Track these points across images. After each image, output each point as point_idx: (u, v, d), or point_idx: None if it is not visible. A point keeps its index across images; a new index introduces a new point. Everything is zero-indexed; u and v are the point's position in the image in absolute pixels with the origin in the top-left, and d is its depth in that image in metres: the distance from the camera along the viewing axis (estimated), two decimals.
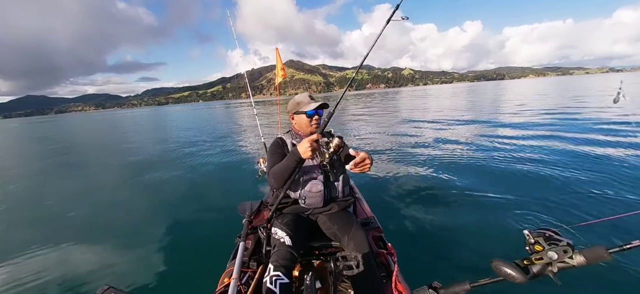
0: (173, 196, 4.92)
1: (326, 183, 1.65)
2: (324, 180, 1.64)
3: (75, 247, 3.41)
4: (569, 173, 4.51)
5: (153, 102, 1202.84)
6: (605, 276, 2.22)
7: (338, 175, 1.69)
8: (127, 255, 3.16)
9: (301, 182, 1.64)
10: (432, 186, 4.48)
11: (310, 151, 1.40)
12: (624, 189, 3.82)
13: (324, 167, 1.63)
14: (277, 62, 3.26)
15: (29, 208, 4.97)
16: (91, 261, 3.09)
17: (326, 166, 1.62)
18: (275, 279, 1.23)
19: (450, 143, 7.41)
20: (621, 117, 9.24)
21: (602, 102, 14.63)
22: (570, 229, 1.04)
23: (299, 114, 1.74)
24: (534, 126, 9.11)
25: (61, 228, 4.01)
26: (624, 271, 2.27)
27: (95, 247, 3.39)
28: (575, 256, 0.93)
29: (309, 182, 1.62)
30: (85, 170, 7.76)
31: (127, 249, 3.28)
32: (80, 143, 15.44)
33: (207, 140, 11.41)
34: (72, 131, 25.71)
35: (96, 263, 3.04)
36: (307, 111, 1.70)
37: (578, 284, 2.15)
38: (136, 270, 2.83)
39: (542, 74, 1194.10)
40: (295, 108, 1.76)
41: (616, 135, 6.86)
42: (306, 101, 1.74)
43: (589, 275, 2.19)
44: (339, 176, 1.69)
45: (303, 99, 1.76)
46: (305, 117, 1.71)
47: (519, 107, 15.38)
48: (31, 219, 4.39)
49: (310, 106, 1.70)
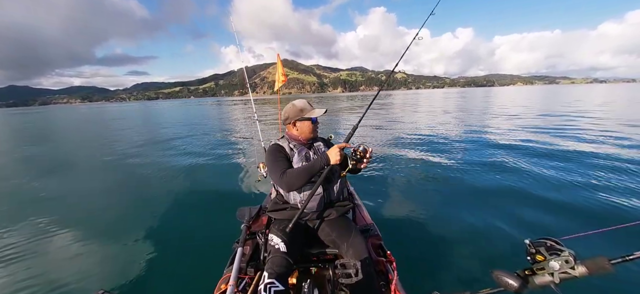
0: (169, 200, 4.76)
1: (325, 186, 1.65)
2: (322, 182, 1.62)
3: (69, 252, 3.28)
4: (571, 182, 4.55)
5: (142, 97, 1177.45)
6: (607, 288, 2.22)
7: (337, 178, 1.70)
8: (121, 259, 3.06)
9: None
10: (433, 195, 4.47)
11: (339, 156, 1.52)
12: (628, 198, 3.85)
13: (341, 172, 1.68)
14: (278, 67, 3.26)
15: (20, 206, 4.75)
16: (85, 265, 2.99)
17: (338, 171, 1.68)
18: (270, 287, 1.20)
19: (450, 151, 7.40)
20: (620, 127, 9.39)
21: (599, 111, 14.84)
22: (572, 239, 1.03)
23: (303, 120, 1.75)
24: (534, 134, 9.21)
25: (54, 231, 3.82)
26: (626, 283, 2.28)
27: (89, 251, 3.28)
28: (577, 267, 0.92)
29: (308, 186, 1.61)
30: (75, 172, 7.44)
31: (121, 253, 3.18)
32: (69, 140, 14.95)
33: (204, 141, 11.17)
34: (62, 125, 24.85)
35: (90, 267, 2.94)
36: (312, 117, 1.73)
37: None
38: (131, 275, 2.75)
39: (530, 82, 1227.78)
40: (298, 115, 1.75)
41: (618, 145, 6.95)
42: (308, 108, 1.77)
43: (592, 286, 2.19)
44: (338, 179, 1.70)
45: (305, 106, 1.77)
46: (310, 124, 1.74)
47: (515, 115, 15.60)
48: (21, 218, 4.20)
49: (315, 112, 1.75)
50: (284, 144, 1.75)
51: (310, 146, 1.79)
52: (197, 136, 12.58)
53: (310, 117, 1.73)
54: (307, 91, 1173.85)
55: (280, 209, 1.70)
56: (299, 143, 1.76)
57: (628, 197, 3.89)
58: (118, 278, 2.70)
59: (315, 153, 1.74)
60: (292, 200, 1.67)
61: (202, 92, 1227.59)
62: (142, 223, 3.88)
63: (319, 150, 1.76)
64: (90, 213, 4.38)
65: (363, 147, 1.52)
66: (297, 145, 1.74)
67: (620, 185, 4.34)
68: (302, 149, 1.72)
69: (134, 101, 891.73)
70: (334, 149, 1.53)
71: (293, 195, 1.65)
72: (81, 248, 3.34)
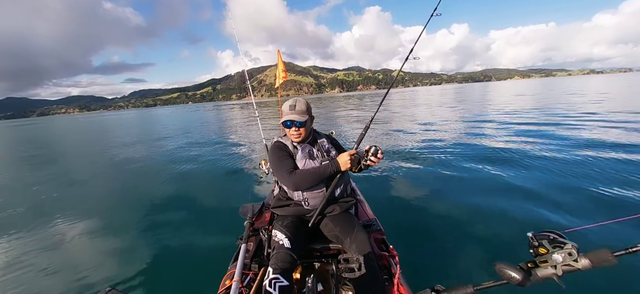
0: (174, 200, 4.82)
1: (328, 183, 1.65)
2: (325, 180, 1.64)
3: (76, 249, 3.38)
4: (574, 175, 4.53)
5: (140, 104, 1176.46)
6: (611, 280, 2.22)
7: (342, 176, 1.69)
8: (128, 257, 3.11)
9: None
10: (434, 189, 4.47)
11: (350, 163, 1.56)
12: (631, 190, 3.83)
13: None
14: (279, 64, 3.26)
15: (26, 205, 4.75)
16: (92, 263, 3.05)
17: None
18: (275, 282, 1.22)
19: (451, 146, 7.39)
20: (622, 120, 9.30)
21: (602, 104, 14.74)
22: (575, 232, 1.03)
23: (284, 124, 1.73)
24: (536, 128, 9.18)
25: (61, 228, 3.97)
26: (630, 275, 2.28)
27: (96, 249, 3.36)
28: (580, 259, 0.92)
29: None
30: (83, 174, 7.49)
31: (128, 251, 3.23)
32: (69, 146, 14.93)
33: (206, 142, 11.22)
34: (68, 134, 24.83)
35: (97, 265, 3.00)
36: (284, 121, 1.69)
37: (583, 288, 2.13)
38: (137, 272, 2.79)
39: (527, 75, 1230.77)
40: (282, 117, 1.76)
41: (621, 137, 6.88)
42: (286, 111, 1.72)
43: (595, 278, 2.19)
44: (340, 176, 1.69)
45: (284, 108, 1.74)
46: (287, 128, 1.71)
47: (516, 108, 15.54)
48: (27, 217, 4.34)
49: (286, 116, 1.69)
50: (287, 141, 1.75)
51: (314, 142, 1.78)
52: (199, 138, 12.62)
53: (284, 121, 1.69)
54: (305, 92, 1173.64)
55: (283, 206, 1.70)
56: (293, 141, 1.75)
57: (631, 189, 3.87)
58: (125, 275, 2.75)
59: (319, 150, 1.72)
60: (296, 197, 1.66)
61: (200, 97, 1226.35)
62: (148, 222, 3.94)
63: (322, 147, 1.75)
64: (99, 213, 4.45)
65: (374, 148, 1.56)
66: (292, 141, 1.74)
67: (623, 177, 4.32)
68: (306, 147, 1.71)
69: (133, 109, 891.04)
70: (345, 156, 1.57)
71: (297, 192, 1.65)
72: (89, 246, 3.42)
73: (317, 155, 1.70)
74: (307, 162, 1.65)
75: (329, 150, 1.76)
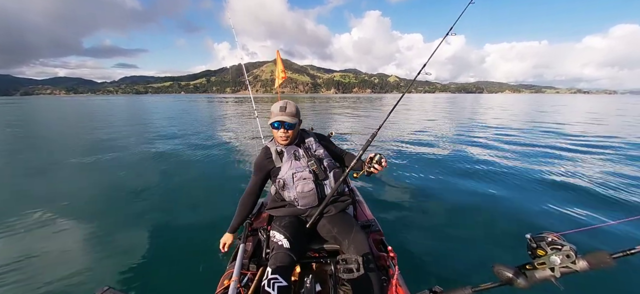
0: (172, 199, 4.64)
1: (317, 181, 1.65)
2: (313, 178, 1.64)
3: (74, 248, 3.19)
4: (573, 178, 4.65)
5: (131, 91, 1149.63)
6: (609, 282, 2.27)
7: (327, 172, 1.69)
8: (125, 256, 2.99)
9: (292, 184, 1.63)
10: (433, 190, 4.50)
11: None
12: (628, 194, 3.97)
13: (312, 167, 1.66)
14: (278, 64, 3.27)
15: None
16: (88, 262, 2.92)
17: (314, 166, 1.66)
18: (273, 282, 1.22)
19: (450, 148, 7.51)
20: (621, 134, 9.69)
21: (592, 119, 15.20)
22: (573, 234, 1.04)
23: (272, 126, 1.69)
24: (534, 134, 9.49)
25: (55, 226, 3.70)
26: (628, 277, 2.34)
27: (92, 248, 3.20)
28: (578, 261, 0.93)
29: (299, 183, 1.62)
30: (75, 168, 7.15)
31: (125, 250, 3.11)
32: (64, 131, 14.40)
33: (203, 139, 10.91)
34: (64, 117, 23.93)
35: (93, 264, 2.88)
36: (272, 122, 1.65)
37: (581, 290, 2.16)
38: (135, 271, 2.71)
39: (518, 90, 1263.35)
40: (271, 118, 1.69)
41: (619, 147, 7.16)
42: (276, 112, 1.66)
43: (593, 280, 2.23)
44: (329, 173, 1.69)
45: (273, 109, 1.68)
46: (275, 130, 1.68)
47: (514, 116, 15.99)
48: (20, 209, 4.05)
49: (276, 117, 1.64)
50: (271, 146, 1.73)
51: (301, 142, 1.76)
52: (197, 134, 12.35)
53: (273, 122, 1.65)
54: (301, 91, 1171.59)
55: (279, 207, 1.72)
56: (280, 145, 1.72)
57: (628, 193, 4.00)
58: (122, 275, 2.67)
59: (306, 152, 1.70)
60: (287, 197, 1.67)
61: (193, 88, 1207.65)
62: (145, 221, 3.81)
63: (310, 149, 1.73)
64: (94, 210, 4.23)
65: (379, 156, 1.56)
66: (278, 147, 1.71)
67: (619, 181, 4.48)
68: (292, 148, 1.70)
69: (122, 94, 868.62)
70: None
71: (287, 193, 1.65)
72: (86, 244, 3.26)
73: (303, 155, 1.69)
74: (292, 163, 1.65)
75: (315, 150, 1.75)
